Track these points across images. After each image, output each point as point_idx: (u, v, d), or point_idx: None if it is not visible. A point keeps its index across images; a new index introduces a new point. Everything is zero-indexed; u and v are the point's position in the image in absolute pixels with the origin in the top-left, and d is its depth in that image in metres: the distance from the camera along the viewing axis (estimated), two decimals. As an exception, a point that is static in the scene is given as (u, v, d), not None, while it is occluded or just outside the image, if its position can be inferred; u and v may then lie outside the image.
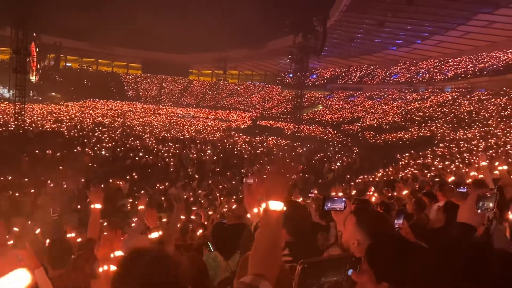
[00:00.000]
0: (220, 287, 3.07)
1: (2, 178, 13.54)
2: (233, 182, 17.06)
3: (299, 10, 37.22)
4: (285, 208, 1.49)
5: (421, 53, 47.45)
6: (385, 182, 13.07)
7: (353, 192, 11.42)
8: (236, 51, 59.85)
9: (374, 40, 48.07)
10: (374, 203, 5.62)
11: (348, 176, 20.87)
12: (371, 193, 9.52)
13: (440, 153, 21.73)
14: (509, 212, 2.98)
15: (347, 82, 55.86)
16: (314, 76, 60.07)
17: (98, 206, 3.47)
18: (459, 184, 6.20)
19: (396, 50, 49.43)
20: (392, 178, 15.32)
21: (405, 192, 6.24)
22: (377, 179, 17.37)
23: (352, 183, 16.08)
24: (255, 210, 2.37)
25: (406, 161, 22.02)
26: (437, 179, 11.27)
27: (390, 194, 8.07)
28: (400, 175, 16.30)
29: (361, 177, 19.43)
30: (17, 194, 12.16)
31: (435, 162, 19.20)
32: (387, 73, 52.03)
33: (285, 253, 2.27)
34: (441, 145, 24.09)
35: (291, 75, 53.13)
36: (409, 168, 19.12)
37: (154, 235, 3.18)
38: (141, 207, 4.94)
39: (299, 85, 38.04)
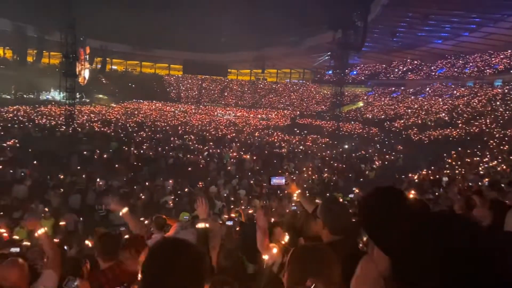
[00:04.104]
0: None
1: (54, 177, 14.28)
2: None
3: (339, 5, 36.47)
4: None
5: (468, 46, 45.18)
6: (431, 181, 12.60)
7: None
8: (274, 49, 59.67)
9: (418, 34, 46.33)
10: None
11: (389, 175, 20.32)
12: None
13: (489, 151, 20.66)
14: None
15: (390, 78, 54.28)
16: (355, 72, 58.85)
17: (124, 210, 3.83)
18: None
19: (441, 43, 47.39)
20: (437, 177, 14.72)
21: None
22: (421, 177, 16.76)
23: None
24: (275, 250, 2.29)
25: (453, 159, 21.10)
26: (486, 179, 10.73)
27: (437, 194, 7.79)
28: (447, 174, 15.65)
29: (404, 176, 18.81)
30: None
31: (485, 161, 18.27)
32: (432, 68, 50.05)
33: None
34: (491, 142, 22.89)
35: (330, 72, 52.32)
36: (456, 167, 18.31)
37: (201, 225, 3.21)
38: (124, 210, 3.83)
39: (339, 82, 37.35)
